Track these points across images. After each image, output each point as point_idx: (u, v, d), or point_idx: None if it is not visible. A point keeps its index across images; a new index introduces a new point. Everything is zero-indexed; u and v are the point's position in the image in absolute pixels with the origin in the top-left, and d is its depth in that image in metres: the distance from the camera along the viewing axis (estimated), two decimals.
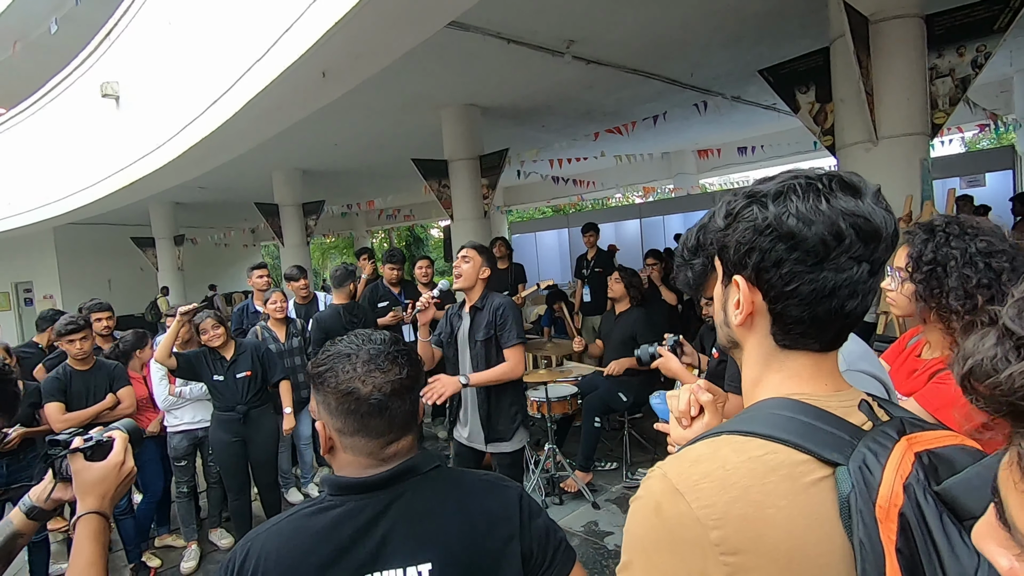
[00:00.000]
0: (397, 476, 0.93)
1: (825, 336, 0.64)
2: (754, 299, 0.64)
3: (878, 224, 0.60)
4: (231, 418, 3.32)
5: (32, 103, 9.16)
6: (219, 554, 3.63)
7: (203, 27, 5.19)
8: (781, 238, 0.60)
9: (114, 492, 1.00)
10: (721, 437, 0.62)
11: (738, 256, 0.64)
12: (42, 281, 14.35)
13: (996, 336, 0.41)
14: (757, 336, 0.67)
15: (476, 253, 2.65)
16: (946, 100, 4.00)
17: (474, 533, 0.93)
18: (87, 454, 0.99)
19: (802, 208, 0.59)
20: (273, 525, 0.92)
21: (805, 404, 0.62)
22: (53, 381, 3.07)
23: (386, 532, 0.90)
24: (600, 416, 3.74)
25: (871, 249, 0.60)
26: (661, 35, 5.46)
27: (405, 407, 0.94)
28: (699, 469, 0.59)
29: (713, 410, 0.89)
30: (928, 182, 4.00)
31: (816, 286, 0.60)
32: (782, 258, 0.60)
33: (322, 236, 22.12)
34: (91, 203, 8.44)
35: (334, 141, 8.22)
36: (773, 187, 0.63)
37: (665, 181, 13.24)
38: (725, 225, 0.66)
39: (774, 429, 0.60)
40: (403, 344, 0.99)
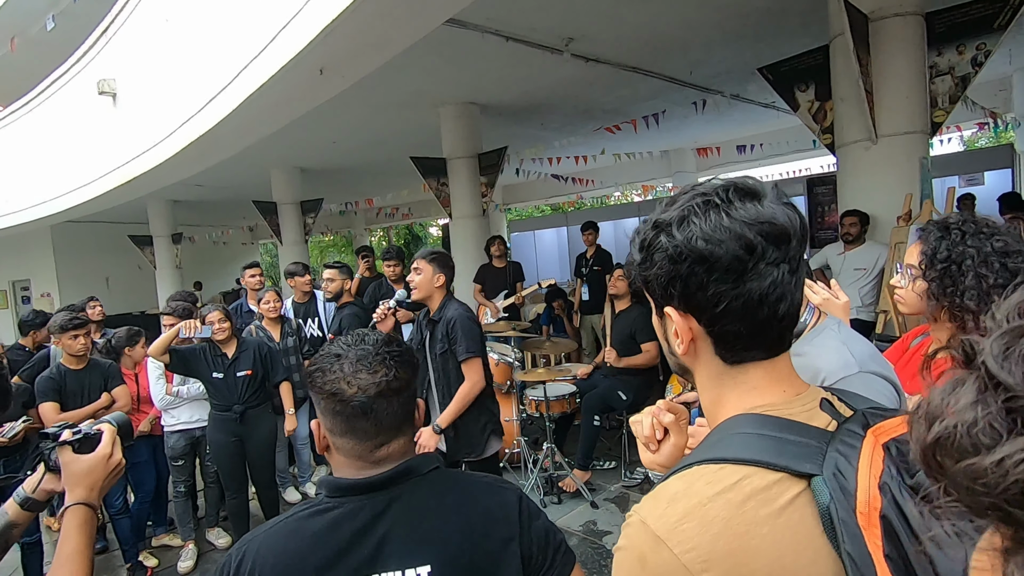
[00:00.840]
0: (395, 477, 0.92)
1: (767, 343, 0.64)
2: (690, 325, 0.64)
3: (784, 224, 0.59)
4: (228, 418, 3.30)
5: (29, 100, 9.12)
6: (216, 554, 3.61)
7: (200, 24, 5.17)
8: (696, 262, 0.60)
9: (102, 484, 1.02)
10: (692, 469, 0.60)
11: (661, 288, 0.64)
12: (40, 279, 14.31)
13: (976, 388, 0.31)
14: (704, 359, 0.66)
15: (426, 263, 2.64)
16: (946, 98, 3.99)
17: (473, 535, 0.92)
18: (75, 446, 1.01)
19: (706, 228, 0.59)
20: (270, 528, 0.92)
21: (768, 417, 0.61)
22: (48, 381, 3.05)
23: (384, 534, 0.89)
24: (599, 415, 3.73)
25: (784, 251, 0.60)
26: (661, 33, 5.44)
27: (392, 409, 0.92)
28: (676, 509, 0.57)
29: (677, 430, 0.87)
30: (928, 180, 3.99)
31: (744, 299, 0.59)
32: (703, 281, 0.60)
33: (320, 234, 22.07)
34: (88, 201, 8.41)
35: (332, 139, 8.19)
36: (676, 212, 0.62)
37: (664, 179, 13.22)
38: (642, 259, 0.65)
39: (743, 451, 0.58)
40: (396, 345, 0.97)
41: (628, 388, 3.65)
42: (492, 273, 5.70)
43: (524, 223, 15.05)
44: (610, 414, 3.94)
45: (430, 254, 2.69)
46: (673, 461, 0.86)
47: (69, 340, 3.09)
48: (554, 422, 3.89)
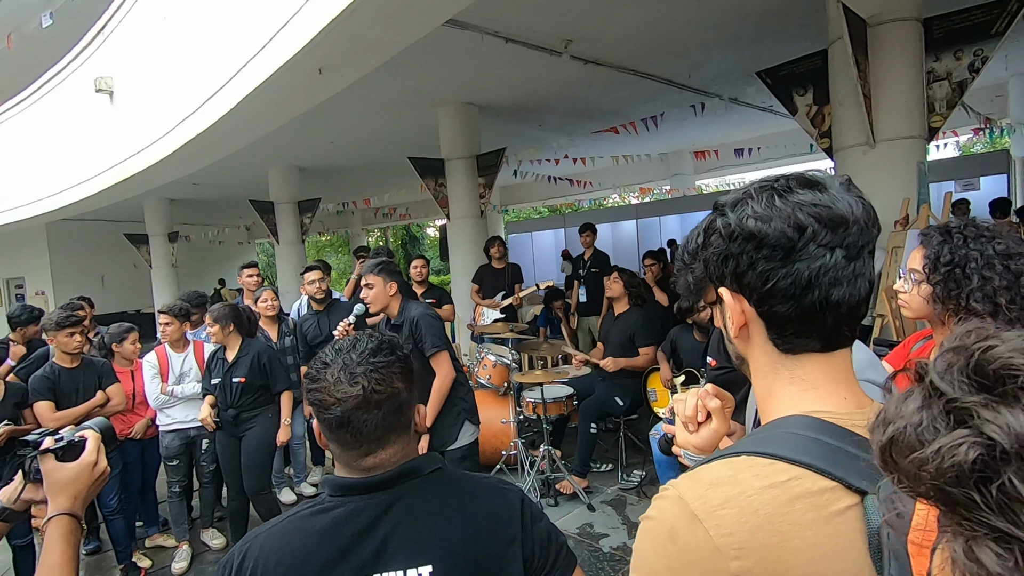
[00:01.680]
0: (398, 477, 0.92)
1: (821, 332, 0.63)
2: (742, 308, 0.64)
3: (842, 210, 0.60)
4: (225, 419, 3.30)
5: (25, 97, 9.07)
6: (211, 554, 3.59)
7: (198, 22, 5.15)
8: (746, 240, 0.61)
9: (87, 492, 0.99)
10: (740, 458, 0.59)
11: (716, 268, 0.65)
12: (34, 277, 14.24)
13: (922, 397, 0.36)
14: (758, 345, 0.66)
15: (374, 276, 2.69)
16: (943, 104, 4.00)
17: (476, 535, 0.92)
18: (58, 454, 0.97)
19: (758, 208, 0.61)
20: (272, 526, 0.92)
21: (828, 423, 0.60)
22: (42, 380, 3.03)
23: (387, 533, 0.89)
24: (596, 421, 3.73)
25: (840, 235, 0.60)
26: (660, 35, 5.45)
27: (374, 421, 0.91)
28: (718, 493, 0.56)
29: (721, 416, 0.87)
30: (925, 185, 4.01)
31: (793, 279, 0.60)
32: (753, 259, 0.61)
33: (317, 234, 22.03)
34: (85, 199, 8.37)
35: (330, 138, 8.17)
36: (732, 196, 0.64)
37: (662, 182, 13.25)
38: (703, 243, 0.67)
39: (797, 452, 0.57)
40: (386, 354, 0.95)
41: (625, 393, 3.64)
42: (491, 274, 5.70)
43: (521, 224, 15.06)
44: (607, 418, 3.93)
45: (376, 266, 2.72)
46: (710, 446, 0.87)
47: (65, 338, 3.07)
48: (551, 424, 3.88)
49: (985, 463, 0.33)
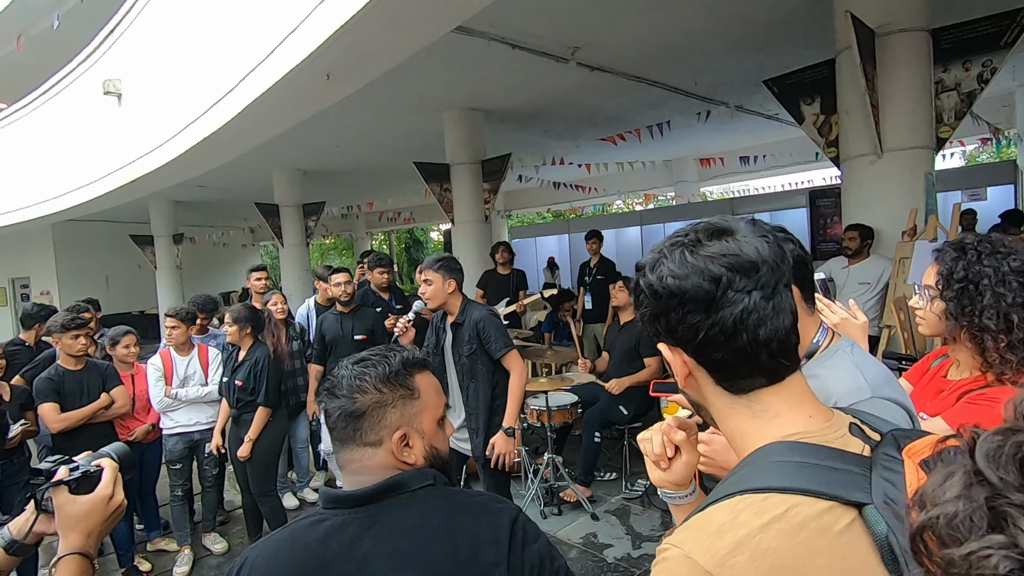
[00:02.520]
0: (384, 491, 0.91)
1: (761, 369, 0.64)
2: (683, 359, 0.67)
3: (750, 255, 0.63)
4: (236, 419, 3.34)
5: (34, 99, 9.12)
6: (213, 559, 3.58)
7: (207, 27, 5.17)
8: (669, 297, 0.64)
9: (101, 528, 0.91)
10: (735, 499, 0.59)
11: (651, 326, 0.68)
12: (39, 277, 14.29)
13: (963, 482, 0.35)
14: (709, 392, 0.68)
15: (434, 272, 2.66)
16: (951, 114, 3.99)
17: (457, 556, 0.89)
18: (72, 486, 0.90)
19: (673, 267, 0.64)
20: (271, 536, 0.94)
21: (805, 444, 0.61)
22: (46, 382, 3.03)
23: (369, 549, 0.88)
24: (600, 430, 3.71)
25: (754, 279, 0.62)
26: (666, 42, 5.46)
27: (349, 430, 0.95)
28: (725, 542, 0.55)
29: (688, 447, 0.86)
30: (932, 195, 3.99)
31: (720, 327, 0.62)
32: (680, 314, 0.64)
33: (322, 237, 22.09)
34: (91, 200, 8.40)
35: (336, 142, 8.20)
36: (650, 257, 0.68)
37: (666, 188, 13.26)
38: (634, 302, 0.71)
39: (787, 479, 0.58)
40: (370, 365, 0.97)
41: (629, 402, 3.62)
42: (496, 279, 5.69)
43: (525, 229, 15.05)
44: (611, 427, 3.91)
45: (436, 262, 2.68)
46: (684, 479, 0.87)
47: (69, 340, 3.07)
48: (555, 432, 3.87)
49: None
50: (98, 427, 3.16)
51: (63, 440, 3.05)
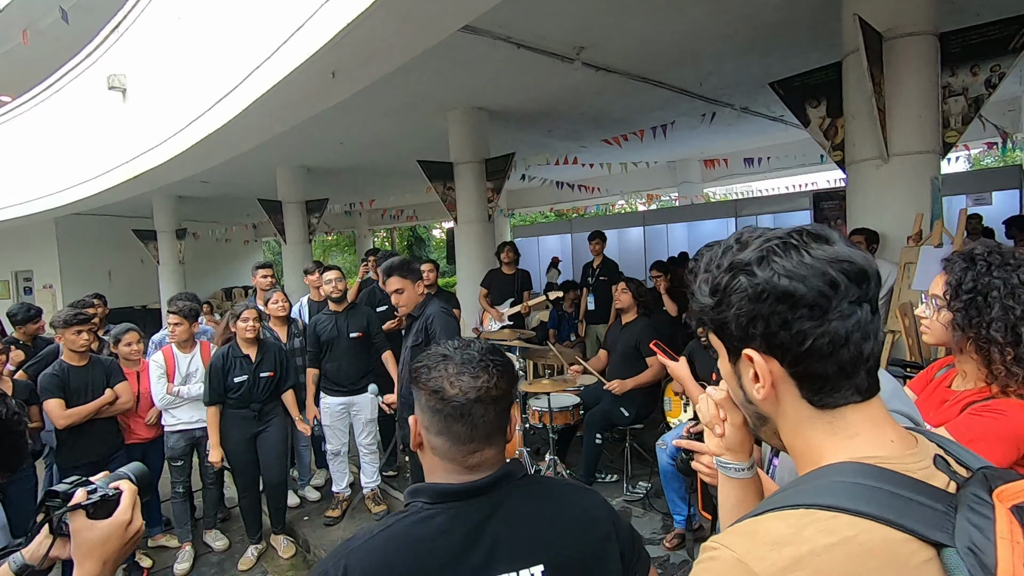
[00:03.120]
0: (496, 482, 0.94)
1: (855, 384, 0.62)
2: (771, 368, 0.62)
3: (862, 264, 0.60)
4: (246, 416, 3.35)
5: (39, 92, 9.13)
6: (213, 556, 3.59)
7: (213, 23, 5.17)
8: (779, 300, 0.59)
9: (118, 555, 0.88)
10: (798, 512, 0.55)
11: (741, 330, 0.62)
12: (42, 270, 14.31)
13: None
14: (788, 404, 0.64)
15: (402, 279, 2.70)
16: (958, 119, 3.98)
17: (577, 534, 0.96)
18: (90, 511, 0.86)
19: (788, 266, 0.59)
20: (367, 540, 0.90)
21: (884, 469, 0.57)
22: (51, 378, 3.03)
23: (495, 537, 0.91)
24: (602, 432, 3.70)
25: (865, 289, 0.60)
26: (672, 44, 5.44)
27: (489, 417, 0.94)
28: (784, 555, 0.52)
29: (731, 405, 0.83)
30: (938, 200, 3.98)
31: (830, 337, 0.59)
32: (787, 319, 0.59)
33: (324, 234, 22.09)
34: (94, 195, 8.41)
35: (340, 139, 8.19)
36: (753, 254, 0.62)
37: (669, 189, 13.23)
38: (716, 302, 0.64)
39: (859, 503, 0.54)
40: (499, 355, 1.00)
41: (631, 404, 3.62)
42: (500, 279, 5.67)
43: (528, 228, 15.04)
44: (613, 430, 3.91)
45: (398, 268, 2.71)
46: (738, 443, 0.84)
47: (72, 336, 3.08)
48: (557, 433, 3.86)
49: None
50: (102, 423, 3.18)
51: (68, 436, 3.06)
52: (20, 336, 4.04)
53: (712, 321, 0.65)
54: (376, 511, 3.78)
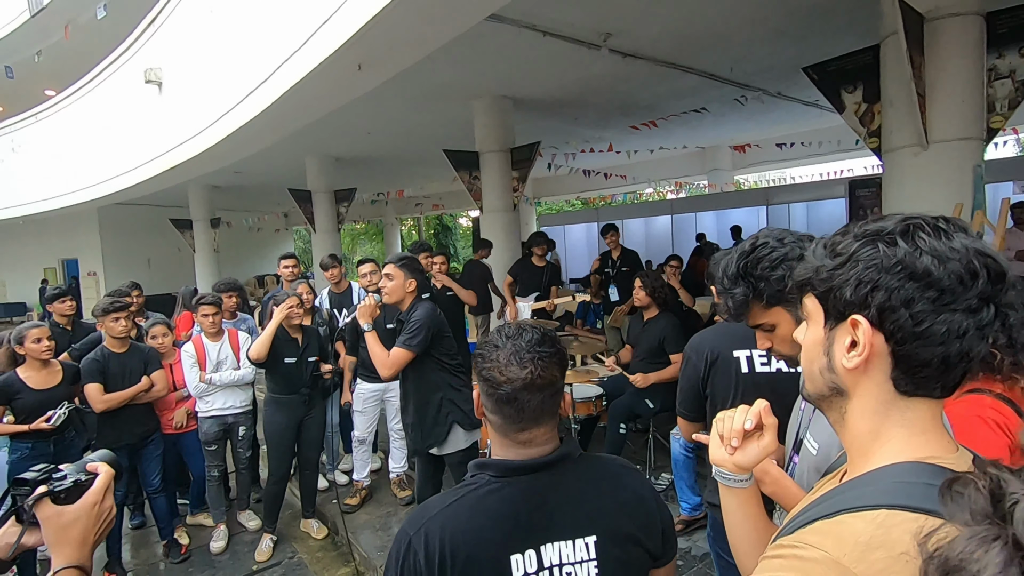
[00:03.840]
0: (556, 461, 1.04)
1: (949, 381, 0.61)
2: (875, 343, 0.61)
3: (1004, 265, 0.59)
4: (294, 401, 3.45)
5: (80, 86, 9.46)
6: (247, 535, 3.74)
7: (243, 16, 5.26)
8: (912, 276, 0.58)
9: (94, 537, 0.86)
10: (883, 514, 0.55)
11: (859, 295, 0.61)
12: (86, 258, 14.92)
13: (1004, 558, 0.34)
14: (873, 382, 0.63)
15: (397, 269, 2.69)
16: (1005, 103, 3.79)
17: (626, 509, 1.05)
18: (60, 496, 0.84)
19: (936, 245, 0.58)
20: (444, 508, 1.01)
21: (950, 472, 0.57)
22: (93, 363, 3.18)
23: (553, 509, 1.01)
24: (625, 423, 3.70)
25: (998, 290, 0.58)
26: (702, 28, 5.31)
27: (535, 402, 1.02)
28: (880, 556, 0.53)
29: (774, 434, 0.84)
30: (981, 189, 3.81)
31: (949, 327, 0.57)
32: (912, 297, 0.58)
33: (353, 223, 22.40)
34: (134, 185, 8.71)
35: (367, 129, 8.27)
36: (897, 226, 0.61)
37: (699, 177, 12.98)
38: (837, 264, 0.63)
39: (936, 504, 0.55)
40: (549, 345, 1.06)
41: (655, 396, 3.60)
42: (529, 270, 5.64)
43: (554, 217, 14.97)
44: (636, 421, 3.90)
45: (401, 260, 2.72)
46: (753, 465, 0.86)
47: (111, 323, 3.22)
48: (579, 424, 3.88)
49: None
50: (139, 408, 3.33)
51: (106, 419, 3.21)
52: (59, 320, 4.20)
53: (821, 282, 0.64)
54: (402, 496, 3.87)
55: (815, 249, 0.67)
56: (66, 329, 4.16)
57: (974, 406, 1.12)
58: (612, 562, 1.02)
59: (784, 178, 13.35)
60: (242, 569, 3.41)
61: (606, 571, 1.01)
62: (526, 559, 0.98)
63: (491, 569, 0.97)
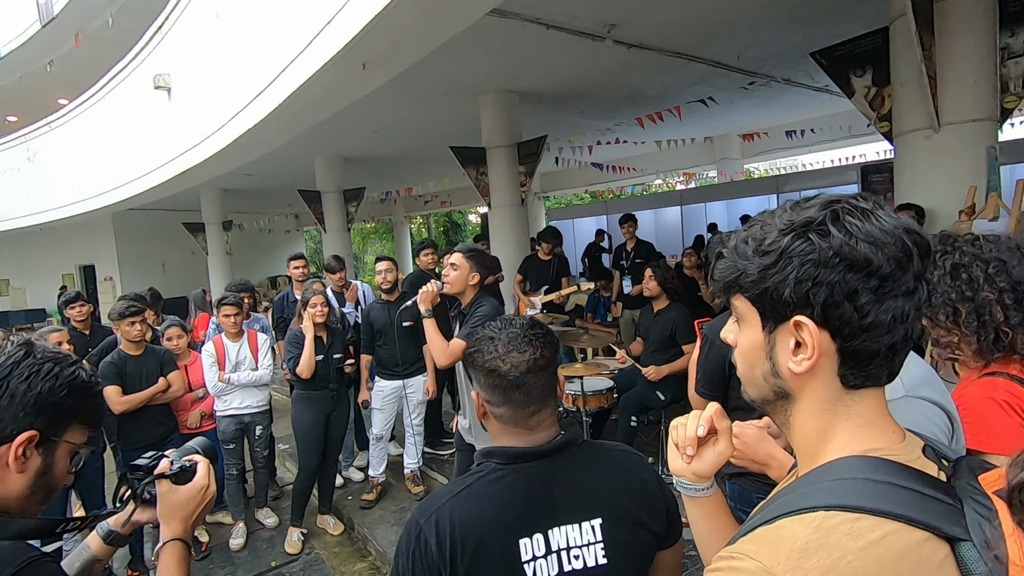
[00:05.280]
0: (561, 448, 1.07)
1: (896, 366, 0.59)
2: (821, 341, 0.57)
3: (928, 237, 0.57)
4: (323, 396, 3.54)
5: (91, 95, 9.59)
6: (265, 532, 3.79)
7: (248, 21, 5.30)
8: (852, 267, 0.54)
9: (197, 515, 1.01)
10: (820, 516, 0.53)
11: (798, 294, 0.56)
12: (103, 263, 15.15)
13: None
14: (819, 381, 0.60)
15: (464, 259, 2.64)
16: (1019, 83, 3.72)
17: (631, 493, 1.08)
18: (172, 479, 1.00)
19: (869, 230, 0.55)
20: (453, 496, 1.03)
21: (892, 463, 0.56)
22: (110, 366, 3.24)
23: (559, 494, 1.03)
24: (636, 415, 3.70)
25: (926, 265, 0.57)
26: (706, 16, 5.26)
27: (540, 383, 1.06)
28: (815, 563, 0.50)
29: (729, 439, 0.81)
30: (995, 171, 3.74)
31: (894, 314, 0.55)
32: (855, 289, 0.55)
33: (363, 222, 22.51)
34: (147, 190, 8.82)
35: (374, 128, 8.30)
36: (822, 214, 0.56)
37: (708, 166, 12.86)
38: (769, 264, 0.58)
39: (879, 501, 0.53)
40: (539, 328, 1.11)
41: (666, 388, 3.59)
42: (536, 265, 5.65)
43: (563, 211, 14.94)
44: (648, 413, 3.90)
45: (471, 251, 2.69)
46: (712, 470, 0.82)
47: (127, 327, 3.28)
48: (591, 416, 3.88)
49: None
50: (157, 408, 3.38)
51: (126, 420, 3.27)
52: (76, 324, 4.26)
53: (752, 284, 0.60)
54: (416, 491, 3.91)
55: (736, 246, 0.62)
56: (83, 333, 4.23)
57: (987, 388, 1.10)
58: (618, 544, 1.03)
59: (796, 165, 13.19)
60: (261, 565, 3.47)
61: (612, 553, 1.03)
62: (534, 543, 1.00)
63: (500, 554, 0.99)
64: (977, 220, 3.30)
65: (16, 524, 0.80)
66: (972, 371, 1.17)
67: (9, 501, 0.82)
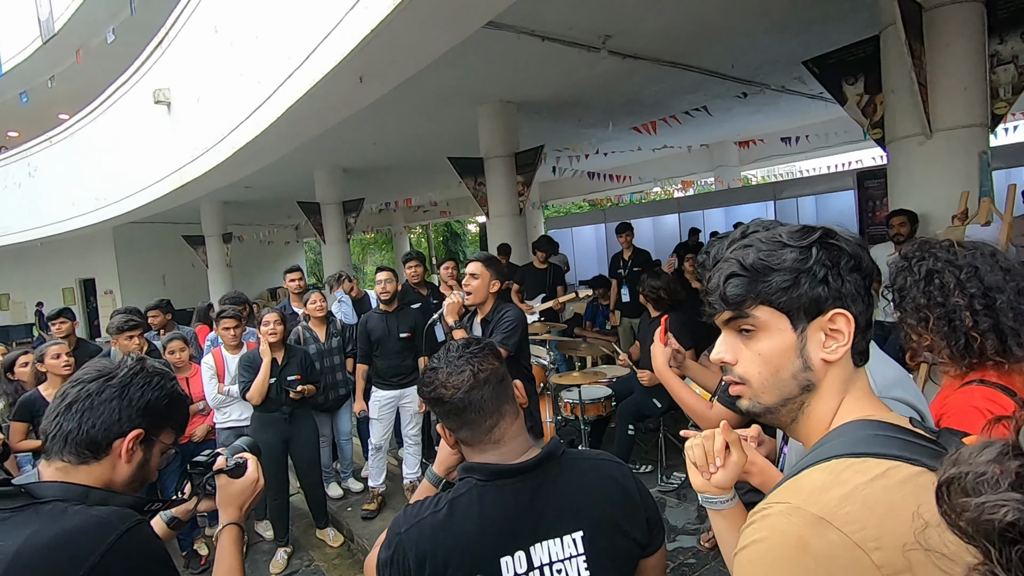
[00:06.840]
0: (542, 461, 1.06)
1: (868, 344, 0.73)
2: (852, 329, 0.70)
3: None
4: (276, 419, 3.42)
5: (91, 110, 9.66)
6: (264, 544, 3.78)
7: (247, 35, 5.36)
8: (857, 268, 0.70)
9: (249, 504, 1.20)
10: (831, 463, 0.63)
11: (832, 291, 0.69)
12: (103, 277, 15.17)
13: (998, 451, 0.38)
14: (840, 365, 0.70)
15: (484, 268, 2.66)
16: (1008, 88, 3.76)
17: (611, 503, 1.08)
18: (229, 474, 1.18)
19: (851, 239, 0.71)
20: (434, 512, 1.02)
21: (888, 423, 0.67)
22: None
23: (541, 509, 1.03)
24: (634, 423, 3.70)
25: None
26: (700, 25, 5.32)
27: (488, 395, 1.06)
28: (832, 495, 0.59)
29: (740, 447, 0.89)
30: (988, 176, 3.78)
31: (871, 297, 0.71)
32: (859, 280, 0.70)
33: (362, 232, 22.55)
34: (147, 204, 8.86)
35: (373, 139, 8.36)
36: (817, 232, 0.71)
37: (706, 174, 12.92)
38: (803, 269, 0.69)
39: (881, 447, 0.62)
40: (474, 344, 1.12)
41: (663, 395, 3.59)
42: (532, 274, 5.68)
43: (561, 220, 14.98)
44: (646, 421, 3.90)
45: (488, 258, 2.71)
46: (732, 481, 0.90)
47: (125, 341, 3.30)
48: (589, 425, 3.89)
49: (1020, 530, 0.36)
50: None
51: None
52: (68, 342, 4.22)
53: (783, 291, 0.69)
54: None
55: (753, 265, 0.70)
56: None
57: (968, 397, 1.12)
58: (600, 554, 1.04)
59: (793, 172, 13.26)
60: None
61: (595, 564, 1.03)
62: (516, 561, 1.00)
63: (482, 573, 0.98)
64: (970, 225, 3.32)
65: (123, 498, 1.01)
66: (954, 379, 1.19)
67: (116, 485, 1.02)
